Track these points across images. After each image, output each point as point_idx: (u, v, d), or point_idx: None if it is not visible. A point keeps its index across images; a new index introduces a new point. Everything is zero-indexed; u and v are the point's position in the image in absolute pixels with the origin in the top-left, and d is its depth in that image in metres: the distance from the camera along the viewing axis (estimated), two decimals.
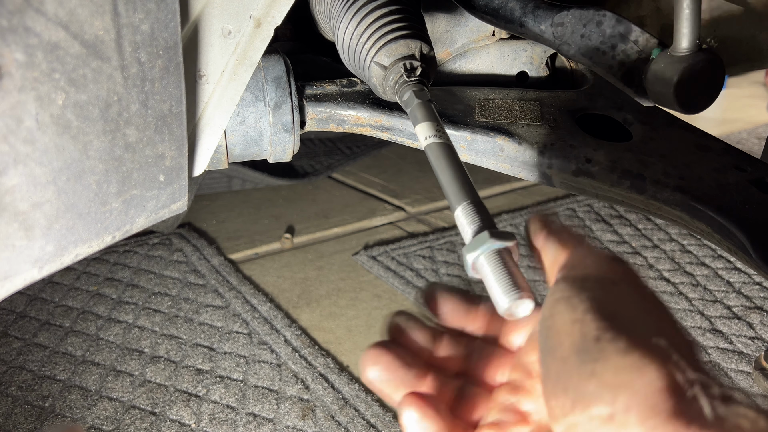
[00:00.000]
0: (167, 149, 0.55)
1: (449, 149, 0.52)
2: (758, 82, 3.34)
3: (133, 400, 1.24)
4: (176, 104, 0.53)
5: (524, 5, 0.81)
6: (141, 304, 1.53)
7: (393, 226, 1.97)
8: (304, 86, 0.84)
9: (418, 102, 0.62)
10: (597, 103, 0.88)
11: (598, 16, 0.74)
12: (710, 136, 0.83)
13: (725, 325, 1.47)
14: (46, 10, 0.42)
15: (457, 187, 0.47)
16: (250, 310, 1.50)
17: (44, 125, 0.44)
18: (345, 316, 1.53)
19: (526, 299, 0.38)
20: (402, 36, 0.70)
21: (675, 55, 0.69)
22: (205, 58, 0.59)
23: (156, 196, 0.56)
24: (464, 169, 0.49)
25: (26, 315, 1.48)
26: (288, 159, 0.82)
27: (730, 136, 2.70)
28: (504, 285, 0.38)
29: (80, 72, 0.45)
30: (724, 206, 0.70)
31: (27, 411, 1.20)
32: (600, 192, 0.79)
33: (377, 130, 0.84)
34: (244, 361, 1.35)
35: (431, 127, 0.56)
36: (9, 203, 0.45)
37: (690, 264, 1.71)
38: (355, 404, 1.23)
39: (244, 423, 1.19)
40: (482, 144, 0.82)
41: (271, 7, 0.60)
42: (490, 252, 0.40)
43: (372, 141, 2.42)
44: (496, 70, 0.96)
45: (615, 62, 0.74)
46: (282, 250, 1.83)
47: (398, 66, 0.70)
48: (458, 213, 0.45)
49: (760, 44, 1.08)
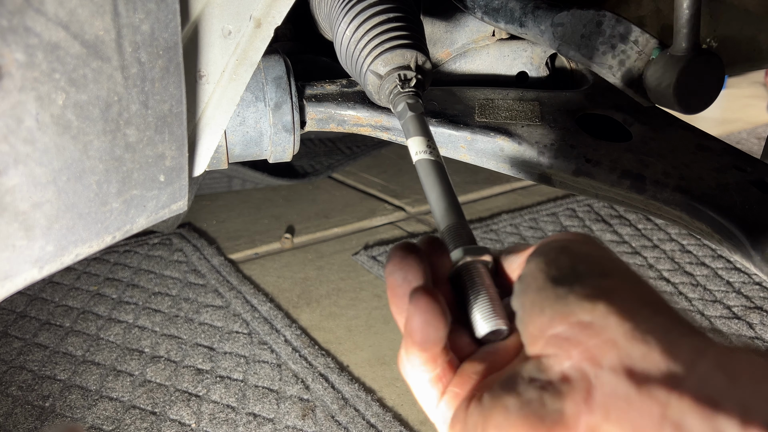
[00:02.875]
0: (167, 149, 0.55)
1: (439, 167, 0.53)
2: (758, 82, 3.34)
3: (133, 400, 1.24)
4: (176, 104, 0.53)
5: (524, 6, 0.81)
6: (141, 304, 1.53)
7: (393, 226, 1.97)
8: (304, 86, 0.85)
9: (411, 115, 0.62)
10: (597, 103, 0.88)
11: (598, 17, 0.74)
12: (710, 136, 0.83)
13: (725, 325, 1.47)
14: (47, 10, 0.42)
15: (443, 207, 0.48)
16: (250, 310, 1.50)
17: (44, 125, 0.45)
18: (345, 316, 1.53)
19: (503, 326, 0.38)
20: (398, 46, 0.71)
21: (675, 56, 0.69)
22: (205, 58, 0.59)
23: (156, 196, 0.56)
24: (452, 188, 0.50)
25: (26, 315, 1.48)
26: (288, 159, 0.82)
27: (730, 136, 2.70)
28: (483, 311, 0.38)
29: (80, 72, 0.45)
30: (724, 206, 0.70)
31: (27, 411, 1.20)
32: (600, 192, 0.79)
33: (377, 130, 0.85)
34: (244, 361, 1.35)
35: (422, 142, 0.57)
36: (9, 203, 0.45)
37: (690, 264, 1.71)
38: (355, 404, 1.23)
39: (244, 423, 1.19)
40: (482, 144, 0.82)
41: (271, 7, 0.60)
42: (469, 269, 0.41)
43: (372, 141, 2.42)
44: (496, 70, 0.96)
45: (615, 62, 0.74)
46: (282, 250, 1.83)
47: (393, 76, 0.70)
48: (443, 233, 0.46)
49: (760, 44, 1.08)
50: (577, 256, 0.35)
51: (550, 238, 0.38)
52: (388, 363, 1.37)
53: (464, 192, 2.14)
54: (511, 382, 0.33)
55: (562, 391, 0.31)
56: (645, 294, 0.33)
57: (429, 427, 1.18)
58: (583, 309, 0.31)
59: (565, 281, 0.33)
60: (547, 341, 0.32)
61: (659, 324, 0.30)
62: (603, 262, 0.35)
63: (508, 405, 0.32)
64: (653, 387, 0.28)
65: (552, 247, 0.36)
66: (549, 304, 0.33)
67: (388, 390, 1.29)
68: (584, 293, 0.32)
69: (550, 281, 0.33)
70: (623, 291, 0.32)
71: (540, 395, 0.31)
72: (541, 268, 0.35)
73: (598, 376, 0.30)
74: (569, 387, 0.31)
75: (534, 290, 0.34)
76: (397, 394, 1.28)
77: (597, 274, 0.33)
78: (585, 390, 0.30)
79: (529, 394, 0.31)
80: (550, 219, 1.97)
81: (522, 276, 0.36)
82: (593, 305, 0.31)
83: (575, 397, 0.30)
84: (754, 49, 1.08)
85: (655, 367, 0.29)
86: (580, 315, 0.31)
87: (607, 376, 0.30)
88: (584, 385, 0.30)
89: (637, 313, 0.31)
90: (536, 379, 0.32)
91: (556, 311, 0.32)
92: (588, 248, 0.36)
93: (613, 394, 0.29)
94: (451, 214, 0.47)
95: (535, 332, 0.33)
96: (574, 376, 0.31)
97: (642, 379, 0.29)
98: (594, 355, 0.30)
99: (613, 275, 0.33)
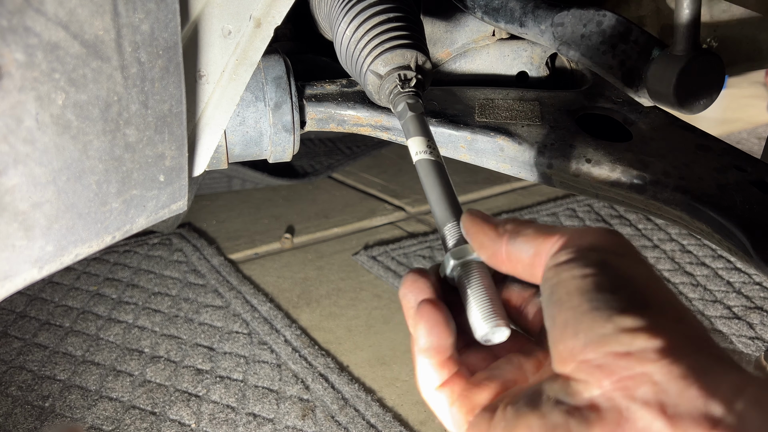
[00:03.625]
0: (167, 149, 0.55)
1: (439, 167, 0.53)
2: (758, 82, 3.34)
3: (133, 400, 1.24)
4: (176, 104, 0.53)
5: (524, 5, 0.81)
6: (141, 304, 1.53)
7: (393, 226, 1.97)
8: (304, 86, 0.84)
9: (411, 115, 0.62)
10: (597, 103, 0.88)
11: (598, 16, 0.74)
12: (710, 136, 0.82)
13: (725, 325, 1.47)
14: (46, 10, 0.42)
15: (444, 207, 0.48)
16: (250, 310, 1.50)
17: (44, 125, 0.44)
18: (345, 316, 1.53)
19: (503, 327, 0.38)
20: (398, 46, 0.71)
21: (675, 55, 0.69)
22: (205, 58, 0.59)
23: (156, 196, 0.56)
24: (452, 188, 0.50)
25: (26, 315, 1.48)
26: (288, 159, 0.82)
27: (730, 136, 2.70)
28: (483, 311, 0.38)
29: (80, 72, 0.45)
30: (724, 206, 0.70)
31: (27, 411, 1.20)
32: (600, 192, 0.79)
33: (377, 130, 0.84)
34: (244, 361, 1.35)
35: (423, 142, 0.57)
36: (9, 203, 0.45)
37: (690, 264, 1.71)
38: (355, 404, 1.23)
39: (244, 423, 1.19)
40: (482, 144, 0.82)
41: (271, 7, 0.60)
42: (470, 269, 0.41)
43: (372, 141, 2.42)
44: (496, 70, 0.96)
45: (615, 62, 0.74)
46: (282, 250, 1.83)
47: (393, 76, 0.70)
48: (444, 232, 0.46)
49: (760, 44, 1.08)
50: (617, 276, 0.33)
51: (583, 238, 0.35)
52: (388, 363, 1.37)
53: (464, 192, 2.14)
54: (536, 400, 0.32)
55: (589, 420, 0.30)
56: (687, 329, 0.31)
57: (429, 427, 1.18)
58: (621, 342, 0.30)
59: (603, 306, 0.31)
60: (579, 365, 0.31)
61: (699, 361, 0.29)
62: (646, 287, 0.33)
63: (532, 424, 0.31)
64: (688, 426, 0.27)
65: (589, 258, 0.34)
66: (584, 328, 0.31)
67: (388, 390, 1.29)
68: (624, 325, 0.30)
69: (587, 302, 0.32)
70: (665, 325, 0.31)
71: (566, 420, 0.30)
72: (577, 285, 0.33)
73: (631, 409, 0.29)
74: (598, 416, 0.30)
75: (568, 308, 0.32)
76: (397, 394, 1.28)
77: (639, 303, 0.31)
78: (614, 422, 0.29)
79: (555, 417, 0.31)
80: (550, 219, 1.97)
81: (553, 284, 0.34)
82: (633, 338, 0.30)
83: (604, 427, 0.29)
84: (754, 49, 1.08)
85: (692, 405, 0.28)
86: (617, 347, 0.30)
87: (641, 411, 0.28)
88: (615, 416, 0.29)
89: (678, 350, 0.29)
90: (563, 402, 0.31)
91: (592, 339, 0.31)
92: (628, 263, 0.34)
93: (645, 429, 0.28)
94: (451, 215, 0.47)
95: (566, 354, 0.32)
96: (605, 406, 0.30)
97: (677, 417, 0.28)
98: (628, 386, 0.29)
99: (655, 306, 0.32)
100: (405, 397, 1.26)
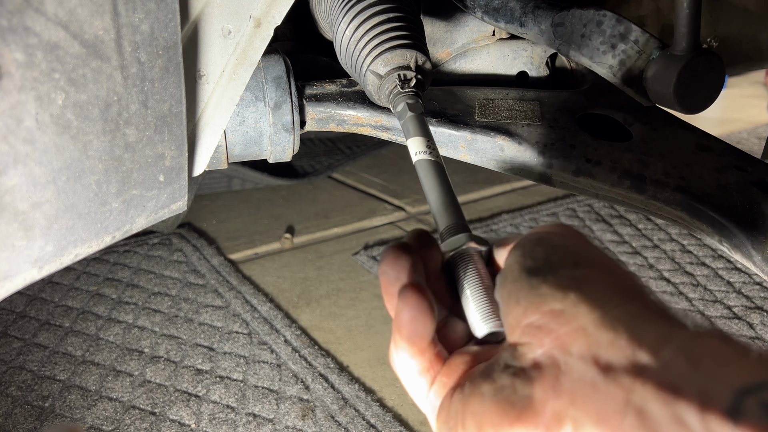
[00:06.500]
0: (167, 149, 0.55)
1: (439, 167, 0.53)
2: (758, 82, 3.33)
3: (133, 400, 1.24)
4: (176, 104, 0.53)
5: (524, 5, 0.81)
6: (141, 304, 1.53)
7: (393, 226, 1.97)
8: (304, 86, 0.84)
9: (411, 115, 0.62)
10: (597, 103, 0.88)
11: (598, 16, 0.74)
12: (710, 136, 0.82)
13: (725, 326, 1.46)
14: (46, 10, 0.42)
15: (443, 207, 0.48)
16: (250, 310, 1.50)
17: (44, 125, 0.44)
18: (345, 316, 1.53)
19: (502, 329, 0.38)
20: (398, 46, 0.71)
21: (675, 55, 0.69)
22: (205, 58, 0.59)
23: (156, 196, 0.56)
24: (452, 188, 0.50)
25: (26, 315, 1.48)
26: (288, 159, 0.82)
27: (730, 136, 2.69)
28: (483, 312, 0.39)
29: (80, 72, 0.45)
30: (724, 206, 0.70)
31: (27, 411, 1.20)
32: (600, 192, 0.79)
33: (377, 130, 0.84)
34: (244, 361, 1.35)
35: (422, 142, 0.57)
36: (9, 203, 0.45)
37: (690, 264, 1.71)
38: (355, 404, 1.23)
39: (244, 423, 1.19)
40: (482, 144, 0.82)
41: (271, 7, 0.60)
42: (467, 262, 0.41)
43: (372, 141, 2.42)
44: (496, 70, 0.96)
45: (615, 62, 0.74)
46: (282, 250, 1.83)
47: (393, 76, 0.70)
48: (442, 233, 0.46)
49: (760, 44, 1.08)
50: (551, 247, 0.36)
51: (531, 231, 0.39)
52: (388, 363, 1.36)
53: (464, 192, 2.14)
54: (489, 370, 0.34)
55: (532, 378, 0.32)
56: (616, 282, 0.33)
57: (429, 427, 1.18)
58: (555, 298, 0.32)
59: (538, 272, 0.34)
60: (523, 330, 0.33)
61: (628, 311, 0.31)
62: (577, 252, 0.35)
63: (483, 391, 0.33)
64: (618, 374, 0.29)
65: (530, 239, 0.37)
66: (524, 294, 0.34)
67: (388, 390, 1.29)
68: (556, 283, 0.33)
69: (525, 272, 0.34)
70: (595, 280, 0.33)
71: (512, 381, 0.32)
72: (517, 260, 0.36)
73: (567, 362, 0.31)
74: (539, 373, 0.32)
75: (510, 282, 0.35)
76: (397, 394, 1.28)
77: (569, 264, 0.34)
78: (554, 376, 0.31)
79: (503, 380, 0.32)
80: (550, 219, 1.97)
81: (503, 270, 0.37)
82: (564, 294, 0.32)
83: (544, 383, 0.31)
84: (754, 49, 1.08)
85: (621, 354, 0.29)
86: (552, 304, 0.32)
87: (575, 363, 0.30)
88: (553, 371, 0.31)
89: (607, 301, 0.31)
90: (510, 366, 0.33)
91: (530, 301, 0.33)
92: (564, 239, 0.37)
93: (579, 380, 0.30)
94: (450, 215, 0.47)
95: (513, 322, 0.34)
96: (545, 363, 0.32)
97: (608, 366, 0.29)
98: (564, 342, 0.31)
99: (585, 265, 0.34)
100: (405, 397, 1.26)
